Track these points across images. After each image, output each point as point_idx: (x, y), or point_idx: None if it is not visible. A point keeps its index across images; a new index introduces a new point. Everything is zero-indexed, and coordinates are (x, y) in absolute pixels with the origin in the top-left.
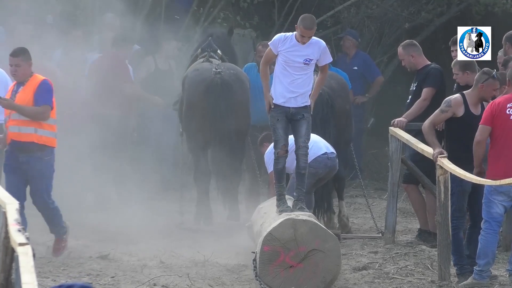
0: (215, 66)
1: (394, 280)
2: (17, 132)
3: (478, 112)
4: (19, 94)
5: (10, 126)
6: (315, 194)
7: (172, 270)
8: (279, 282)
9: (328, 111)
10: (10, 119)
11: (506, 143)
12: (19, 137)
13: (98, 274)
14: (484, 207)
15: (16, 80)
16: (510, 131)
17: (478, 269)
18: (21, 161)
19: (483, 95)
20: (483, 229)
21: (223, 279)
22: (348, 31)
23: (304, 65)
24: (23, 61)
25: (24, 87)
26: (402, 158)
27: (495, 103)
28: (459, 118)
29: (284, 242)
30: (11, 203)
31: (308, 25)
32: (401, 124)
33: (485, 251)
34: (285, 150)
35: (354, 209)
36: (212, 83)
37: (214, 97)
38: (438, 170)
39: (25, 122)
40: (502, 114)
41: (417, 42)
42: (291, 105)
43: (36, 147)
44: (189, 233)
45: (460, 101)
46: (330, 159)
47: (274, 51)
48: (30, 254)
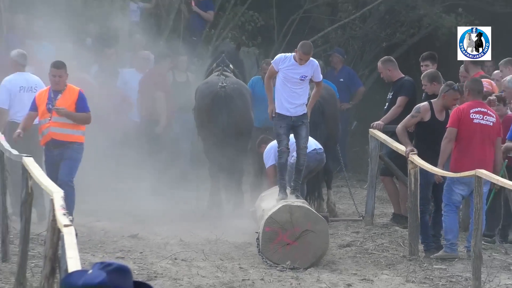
0: (221, 81)
1: (373, 255)
2: (58, 132)
3: (442, 118)
4: (59, 101)
5: (52, 127)
6: (308, 184)
7: (190, 247)
8: (278, 257)
9: (319, 116)
10: (51, 121)
11: (469, 142)
12: (60, 136)
13: (129, 250)
14: (445, 193)
15: (56, 88)
16: (473, 132)
17: (448, 243)
18: (55, 154)
19: (446, 104)
20: (445, 211)
21: (232, 254)
22: (335, 49)
23: (300, 80)
24: (64, 73)
25: (63, 96)
26: (380, 154)
27: (460, 109)
28: (426, 122)
29: (282, 224)
30: (57, 192)
31: (306, 51)
32: (379, 127)
33: (450, 228)
34: (287, 148)
35: (340, 197)
36: (216, 95)
37: (218, 107)
38: (409, 164)
39: (65, 124)
40: (466, 118)
41: (393, 58)
42: (291, 114)
43: (70, 143)
44: (203, 216)
45: (427, 108)
46: (318, 153)
47: (275, 68)
48: (73, 233)
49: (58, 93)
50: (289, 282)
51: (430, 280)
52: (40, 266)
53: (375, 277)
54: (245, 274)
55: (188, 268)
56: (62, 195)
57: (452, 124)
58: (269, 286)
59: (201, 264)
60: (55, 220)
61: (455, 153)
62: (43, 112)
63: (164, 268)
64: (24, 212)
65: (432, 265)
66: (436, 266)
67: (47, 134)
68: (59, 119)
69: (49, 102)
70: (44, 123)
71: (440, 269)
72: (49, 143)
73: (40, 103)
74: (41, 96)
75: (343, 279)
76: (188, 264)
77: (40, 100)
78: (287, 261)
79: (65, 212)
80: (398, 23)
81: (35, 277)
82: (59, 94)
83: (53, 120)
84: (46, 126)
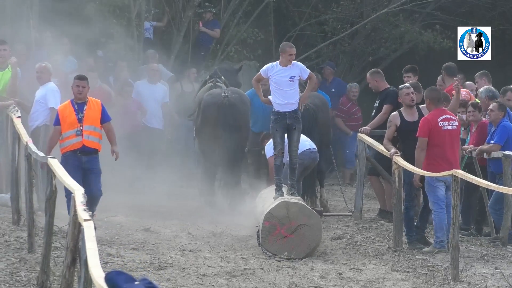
0: (224, 91)
1: (361, 247)
2: (90, 140)
3: (415, 119)
4: (87, 112)
5: (85, 135)
6: (303, 183)
7: (197, 239)
8: (276, 248)
9: (313, 121)
10: (84, 130)
11: (441, 148)
12: (91, 144)
13: (142, 242)
14: (429, 193)
15: (79, 99)
16: (443, 138)
17: (437, 240)
18: (84, 160)
19: (405, 103)
20: (434, 210)
21: (235, 246)
22: (327, 63)
23: (290, 81)
24: (87, 84)
25: (89, 107)
26: (367, 156)
27: (428, 119)
28: (399, 127)
29: (280, 219)
30: (78, 190)
31: (290, 45)
32: (366, 131)
33: (440, 225)
34: (282, 152)
35: (332, 194)
36: (222, 104)
37: (223, 114)
38: (394, 165)
39: (94, 133)
40: (436, 127)
41: (380, 70)
42: (286, 110)
43: (96, 151)
44: (209, 212)
45: (396, 115)
46: (312, 152)
47: (264, 76)
48: (92, 227)
49: (82, 105)
50: (286, 271)
51: (413, 269)
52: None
53: (363, 266)
54: (246, 263)
55: (195, 258)
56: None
57: (423, 134)
58: (268, 274)
59: (207, 254)
60: (76, 215)
61: (429, 158)
62: (71, 123)
63: (173, 258)
64: (49, 208)
65: (414, 255)
66: (418, 257)
67: (77, 142)
68: (90, 127)
69: (77, 113)
70: (73, 133)
71: (422, 259)
72: (78, 150)
73: (65, 115)
74: (65, 109)
75: (335, 268)
76: (195, 254)
77: (64, 113)
78: (284, 252)
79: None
80: (383, 39)
81: (58, 266)
82: (84, 105)
83: (85, 129)
84: (77, 135)
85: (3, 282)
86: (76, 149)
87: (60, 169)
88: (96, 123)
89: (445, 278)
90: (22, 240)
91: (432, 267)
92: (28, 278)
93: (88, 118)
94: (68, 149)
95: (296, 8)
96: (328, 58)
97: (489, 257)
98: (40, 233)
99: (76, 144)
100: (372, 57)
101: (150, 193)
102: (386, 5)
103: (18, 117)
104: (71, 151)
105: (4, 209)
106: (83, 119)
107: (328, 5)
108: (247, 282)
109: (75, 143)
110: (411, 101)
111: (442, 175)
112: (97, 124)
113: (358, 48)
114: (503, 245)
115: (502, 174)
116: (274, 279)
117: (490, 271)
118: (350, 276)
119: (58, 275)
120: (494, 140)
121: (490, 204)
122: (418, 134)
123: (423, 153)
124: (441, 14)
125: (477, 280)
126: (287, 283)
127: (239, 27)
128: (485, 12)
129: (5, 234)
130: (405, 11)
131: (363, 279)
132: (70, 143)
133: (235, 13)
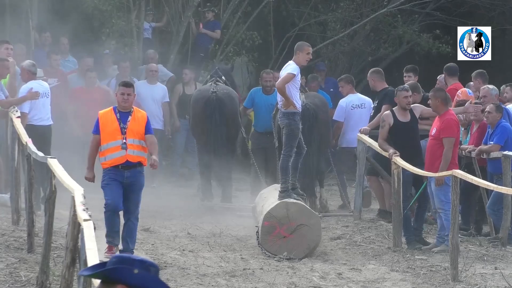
0: (212, 88)
1: (361, 247)
2: (134, 155)
3: (407, 119)
4: (131, 123)
5: (129, 149)
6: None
7: (196, 239)
8: (275, 248)
9: (313, 121)
10: (128, 143)
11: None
12: (135, 158)
13: (142, 242)
14: (441, 193)
15: (124, 107)
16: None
17: (444, 237)
18: (127, 176)
19: (401, 104)
20: (445, 210)
21: (234, 246)
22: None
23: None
24: (133, 92)
25: (133, 118)
26: (367, 156)
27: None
28: (392, 127)
29: (279, 219)
30: (78, 189)
31: (308, 44)
32: (366, 132)
33: (448, 225)
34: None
35: (331, 194)
36: (209, 99)
37: (210, 109)
38: (393, 165)
39: (139, 147)
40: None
41: (380, 70)
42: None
43: (140, 166)
44: (208, 212)
45: (389, 114)
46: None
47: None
48: (91, 227)
49: (126, 114)
50: (286, 271)
51: (412, 269)
52: (62, 256)
53: (363, 266)
54: (246, 264)
55: (194, 258)
56: (82, 192)
57: (455, 134)
58: (268, 274)
59: (207, 255)
60: (76, 215)
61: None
62: (112, 133)
63: (173, 258)
64: (48, 208)
65: (414, 255)
66: (418, 257)
67: (120, 157)
68: (134, 141)
69: (120, 122)
70: (116, 146)
71: (421, 259)
72: (121, 165)
73: (105, 124)
74: (106, 117)
75: (334, 268)
76: (195, 255)
77: (105, 121)
78: (284, 252)
79: (84, 208)
80: (382, 40)
81: (57, 266)
82: (128, 116)
83: (128, 142)
84: (119, 148)
85: (3, 282)
86: (120, 163)
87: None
88: (140, 136)
89: (444, 278)
90: (22, 240)
91: (432, 267)
92: (28, 278)
93: (132, 131)
94: (111, 164)
95: (296, 8)
96: (327, 59)
97: (488, 257)
98: (39, 233)
99: (119, 158)
100: (371, 57)
101: (150, 193)
102: (385, 6)
103: (17, 117)
104: (113, 166)
105: (4, 209)
106: (127, 130)
107: (327, 5)
108: (246, 282)
109: (118, 157)
110: (408, 104)
111: (442, 175)
112: (141, 137)
113: (358, 48)
114: (503, 245)
115: (501, 174)
116: (273, 279)
117: (490, 271)
118: (349, 276)
119: (57, 275)
120: (494, 141)
121: (489, 205)
122: (450, 134)
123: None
124: (440, 14)
125: (477, 280)
126: (287, 283)
127: (238, 28)
128: (485, 12)
129: (5, 234)
130: (405, 12)
131: (362, 279)
132: (113, 157)
133: (234, 13)
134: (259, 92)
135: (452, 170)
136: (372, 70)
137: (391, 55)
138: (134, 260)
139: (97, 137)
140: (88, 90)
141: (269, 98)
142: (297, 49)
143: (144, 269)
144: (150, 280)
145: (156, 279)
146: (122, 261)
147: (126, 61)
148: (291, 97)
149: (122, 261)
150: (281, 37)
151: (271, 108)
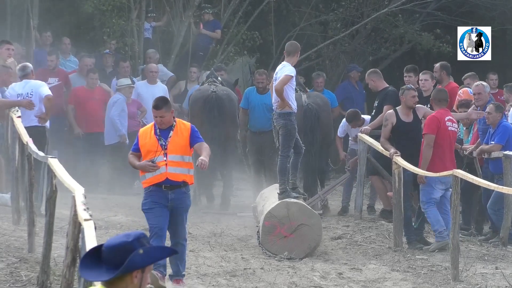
0: (212, 88)
1: (361, 247)
2: (176, 172)
3: (410, 120)
4: (172, 138)
5: (169, 167)
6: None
7: (197, 239)
8: (276, 248)
9: (315, 121)
10: (168, 160)
11: (443, 147)
12: (176, 177)
13: None
14: (424, 193)
15: (163, 128)
16: (447, 138)
17: (437, 233)
18: (171, 198)
19: (407, 104)
20: (425, 209)
21: (235, 246)
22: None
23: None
24: (166, 112)
25: (175, 133)
26: (368, 156)
27: (436, 117)
28: (395, 126)
29: (280, 218)
30: (79, 189)
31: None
32: (367, 131)
33: (436, 219)
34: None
35: (332, 194)
36: (208, 98)
37: (209, 108)
38: (394, 165)
39: (181, 164)
40: (443, 126)
41: (378, 70)
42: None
43: (185, 186)
44: (209, 212)
45: (392, 113)
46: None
47: (292, 77)
48: (92, 227)
49: (168, 130)
50: (286, 271)
51: (413, 269)
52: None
53: (363, 266)
54: (246, 263)
55: (195, 258)
56: (82, 192)
57: (432, 131)
58: (268, 274)
59: (207, 254)
60: (76, 215)
61: (433, 156)
62: (151, 150)
63: None
64: (49, 207)
65: (414, 255)
66: (419, 257)
67: (160, 174)
68: (176, 157)
69: (160, 139)
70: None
71: (422, 259)
72: (162, 184)
73: (145, 139)
74: (146, 133)
75: (335, 268)
76: (196, 254)
77: (144, 137)
78: (285, 252)
79: (85, 208)
80: (383, 39)
81: (58, 266)
82: (169, 131)
83: (169, 159)
84: (160, 164)
85: (3, 282)
86: (159, 182)
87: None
88: (184, 152)
89: (445, 278)
90: (22, 240)
91: (432, 267)
92: (28, 278)
93: (174, 147)
94: (150, 183)
95: (296, 8)
96: (328, 58)
97: (489, 257)
98: (40, 232)
99: (158, 176)
100: (372, 57)
101: None
102: (386, 5)
103: (18, 116)
104: (154, 185)
105: (4, 209)
106: (167, 146)
107: (328, 5)
108: (247, 282)
109: (157, 175)
110: (415, 103)
111: (442, 175)
112: (185, 152)
113: (359, 48)
114: (503, 245)
115: (501, 174)
116: (274, 279)
117: (490, 271)
118: (350, 276)
119: (58, 274)
120: (495, 140)
121: (489, 205)
122: (426, 131)
123: (431, 151)
124: (441, 14)
125: (477, 280)
126: (287, 283)
127: (239, 27)
128: (485, 12)
129: (5, 234)
130: (406, 11)
131: (363, 279)
132: (152, 174)
133: (235, 13)
134: (253, 92)
135: (453, 170)
136: (370, 71)
137: (392, 55)
138: (131, 242)
139: (136, 154)
140: (90, 90)
141: (264, 97)
142: (292, 51)
143: (143, 245)
144: (153, 251)
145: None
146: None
147: (126, 60)
148: (287, 98)
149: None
150: (282, 37)
151: (265, 108)
